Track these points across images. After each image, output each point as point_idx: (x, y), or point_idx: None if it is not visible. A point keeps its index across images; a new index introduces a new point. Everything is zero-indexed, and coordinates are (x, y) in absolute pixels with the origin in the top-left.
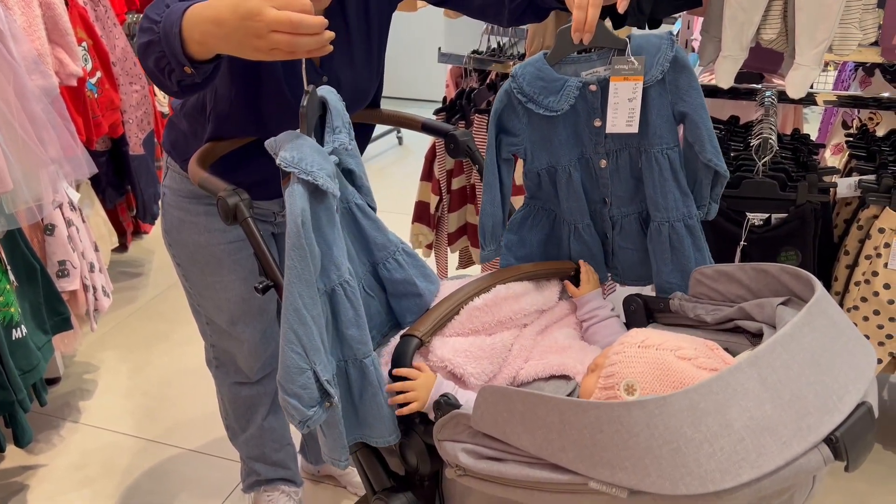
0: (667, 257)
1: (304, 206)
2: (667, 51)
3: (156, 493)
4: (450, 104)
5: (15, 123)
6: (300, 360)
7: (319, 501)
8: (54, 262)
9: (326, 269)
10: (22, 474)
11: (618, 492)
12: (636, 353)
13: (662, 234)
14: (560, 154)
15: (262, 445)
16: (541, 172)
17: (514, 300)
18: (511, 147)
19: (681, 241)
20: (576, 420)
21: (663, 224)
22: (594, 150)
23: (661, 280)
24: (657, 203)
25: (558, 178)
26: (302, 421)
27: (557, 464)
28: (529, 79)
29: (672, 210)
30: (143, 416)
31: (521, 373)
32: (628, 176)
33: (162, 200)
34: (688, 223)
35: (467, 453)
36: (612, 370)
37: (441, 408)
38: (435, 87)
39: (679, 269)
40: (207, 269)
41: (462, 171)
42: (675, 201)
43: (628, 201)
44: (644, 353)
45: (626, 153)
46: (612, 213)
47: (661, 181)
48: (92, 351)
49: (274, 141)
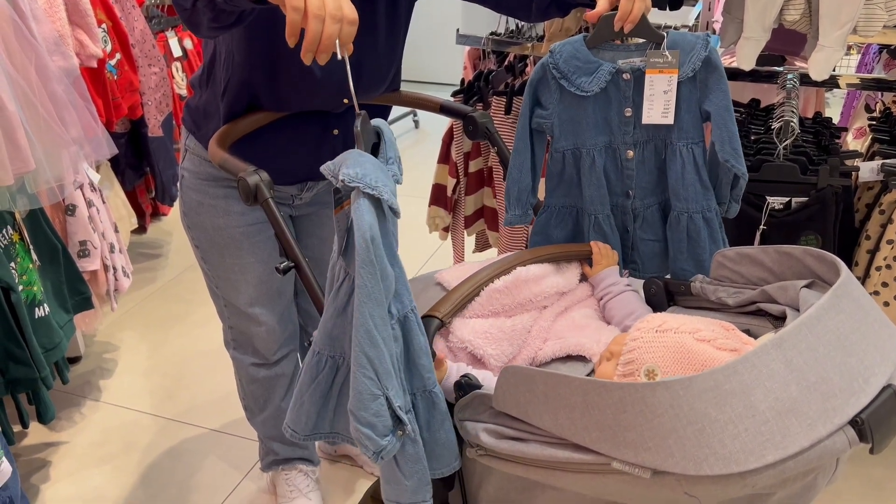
0: (683, 246)
1: (373, 222)
2: (700, 50)
3: (175, 471)
4: (467, 86)
5: (37, 103)
6: (372, 385)
7: (337, 480)
8: (75, 242)
9: (400, 293)
10: (45, 450)
11: (641, 472)
12: (654, 337)
13: (681, 224)
14: (586, 137)
15: (280, 426)
16: (566, 153)
17: (535, 282)
18: (541, 119)
19: (698, 231)
20: (599, 400)
21: (682, 214)
22: (622, 139)
23: (677, 266)
24: (678, 193)
25: (582, 162)
26: (376, 452)
27: (580, 444)
28: (566, 56)
29: (692, 202)
30: (162, 396)
31: (540, 353)
32: (653, 167)
33: (180, 183)
34: (706, 215)
35: (488, 433)
36: (630, 356)
37: (462, 388)
38: (452, 70)
39: (694, 257)
40: (226, 251)
41: (479, 153)
42: (696, 194)
43: (651, 192)
44: (662, 338)
45: (652, 145)
46: (635, 206)
47: (683, 173)
48: (112, 330)
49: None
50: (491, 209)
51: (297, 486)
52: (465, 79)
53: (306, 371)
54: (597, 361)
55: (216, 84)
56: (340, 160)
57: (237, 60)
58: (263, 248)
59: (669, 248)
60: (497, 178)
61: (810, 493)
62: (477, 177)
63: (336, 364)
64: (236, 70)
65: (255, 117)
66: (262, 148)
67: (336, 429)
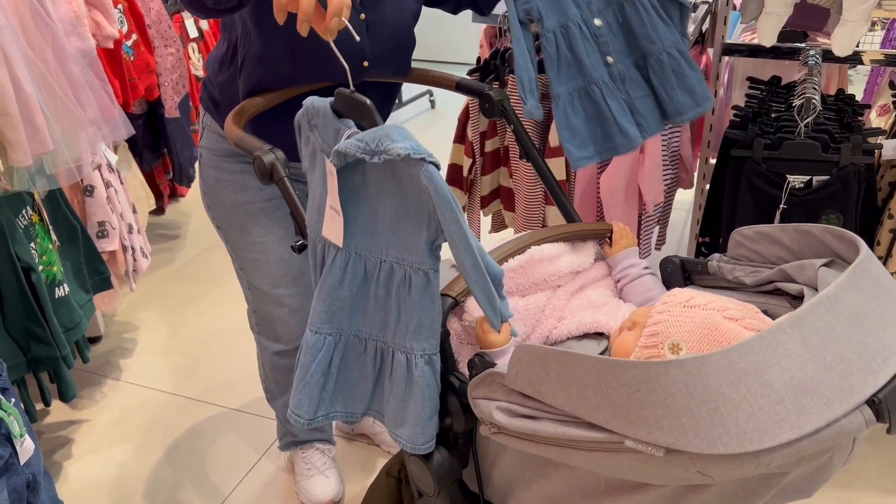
0: (672, 83)
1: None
2: None
3: (194, 450)
4: (483, 64)
5: (54, 85)
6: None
7: (354, 459)
8: (94, 222)
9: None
10: (66, 428)
11: (654, 451)
12: (681, 312)
13: (663, 63)
14: (568, 9)
15: None
16: (556, 33)
17: (549, 262)
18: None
19: (679, 64)
20: (612, 379)
21: (661, 54)
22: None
23: (673, 105)
24: (650, 37)
25: (573, 35)
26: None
27: (593, 422)
28: None
29: (664, 39)
30: (181, 375)
31: (554, 332)
32: (619, 29)
33: (199, 161)
34: (679, 48)
35: (501, 411)
36: (655, 329)
37: (475, 367)
38: (469, 49)
39: (685, 89)
40: (245, 228)
41: (496, 133)
42: (664, 31)
43: (626, 53)
44: (690, 313)
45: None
46: (619, 70)
47: (647, 18)
48: (131, 311)
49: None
50: (507, 189)
51: (315, 465)
52: (482, 57)
53: (306, 352)
54: (615, 331)
55: (233, 60)
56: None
57: (253, 35)
58: (282, 226)
59: (661, 93)
60: (514, 157)
61: (826, 472)
62: (493, 156)
63: (335, 341)
64: (253, 44)
65: (271, 95)
66: (277, 124)
67: (335, 407)
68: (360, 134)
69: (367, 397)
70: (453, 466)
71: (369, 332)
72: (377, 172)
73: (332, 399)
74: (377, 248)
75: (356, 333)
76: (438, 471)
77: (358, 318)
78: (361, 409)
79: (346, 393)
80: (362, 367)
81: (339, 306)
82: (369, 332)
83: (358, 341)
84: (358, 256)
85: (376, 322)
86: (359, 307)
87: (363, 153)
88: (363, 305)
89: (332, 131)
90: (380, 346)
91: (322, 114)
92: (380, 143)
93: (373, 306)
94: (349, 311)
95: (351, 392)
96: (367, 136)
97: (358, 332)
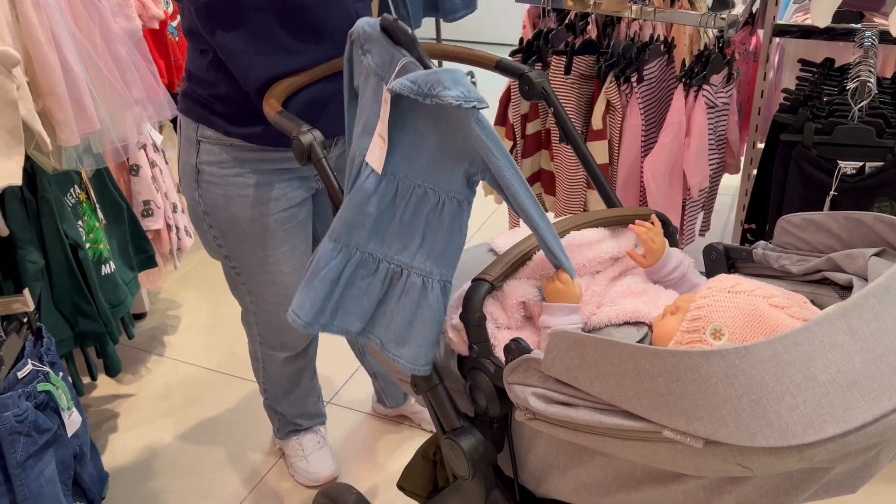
0: None
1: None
2: None
3: (235, 426)
4: (526, 45)
5: (101, 65)
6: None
7: (392, 440)
8: (139, 201)
9: None
10: (112, 402)
11: (693, 441)
12: (726, 297)
13: None
14: None
15: (305, 403)
16: None
17: (589, 247)
18: None
19: None
20: (651, 368)
21: None
22: None
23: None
24: None
25: None
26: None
27: (630, 411)
28: None
29: None
30: (223, 353)
31: (593, 319)
32: None
33: (197, 181)
34: None
35: (537, 397)
36: (698, 313)
37: (511, 351)
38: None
39: None
40: (260, 242)
41: (537, 115)
42: None
43: None
44: (734, 299)
45: None
46: None
47: None
48: (175, 288)
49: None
50: (548, 172)
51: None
52: (525, 38)
53: (321, 256)
54: (658, 315)
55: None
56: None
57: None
58: (296, 235)
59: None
60: (555, 141)
61: (872, 468)
62: (534, 139)
63: (349, 254)
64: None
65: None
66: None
67: (335, 320)
68: (412, 75)
69: (366, 317)
70: (488, 450)
71: (384, 254)
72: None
73: (334, 311)
74: (413, 173)
75: (371, 252)
76: (473, 454)
77: (377, 239)
78: (359, 326)
79: (347, 308)
80: (369, 286)
81: (361, 221)
82: (384, 254)
83: (371, 260)
84: (392, 177)
85: (395, 244)
86: (380, 228)
87: (415, 95)
88: (385, 226)
89: (387, 57)
90: (392, 268)
91: (374, 39)
92: (432, 87)
93: (395, 228)
94: (370, 229)
95: (353, 308)
96: (419, 79)
97: (373, 252)
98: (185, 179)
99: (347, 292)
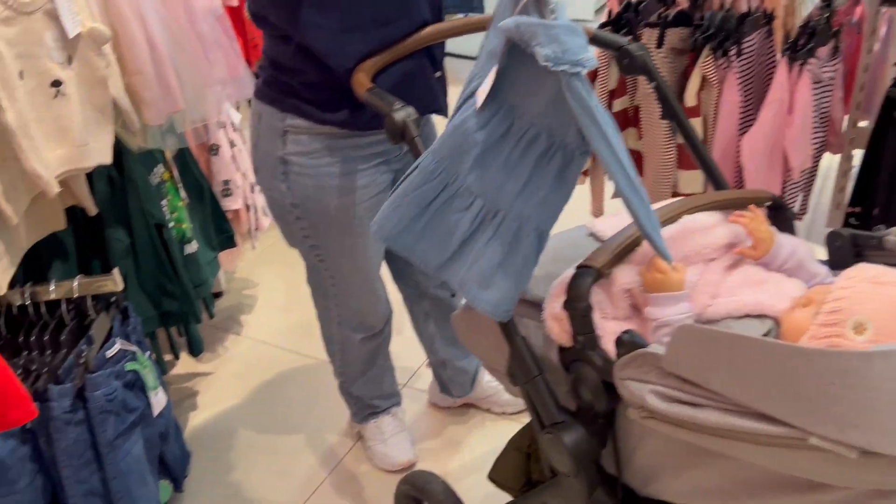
0: None
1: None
2: None
3: (314, 406)
4: (615, 17)
5: (185, 43)
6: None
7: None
8: (219, 181)
9: None
10: (191, 380)
11: (846, 451)
12: (868, 288)
13: None
14: None
15: (381, 383)
16: None
17: (703, 233)
18: None
19: None
20: (800, 369)
21: None
22: None
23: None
24: None
25: None
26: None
27: (769, 415)
28: None
29: None
30: (300, 333)
31: (709, 310)
32: None
33: (284, 172)
34: None
35: (656, 395)
36: (837, 305)
37: (624, 345)
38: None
39: None
40: (346, 230)
41: (625, 91)
42: None
43: None
44: (879, 290)
45: None
46: None
47: None
48: (251, 267)
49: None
50: (636, 152)
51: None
52: (611, 10)
53: (419, 173)
54: (788, 308)
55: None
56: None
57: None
58: None
59: None
60: (644, 117)
61: None
62: (621, 116)
63: (446, 180)
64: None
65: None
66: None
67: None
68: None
69: (447, 253)
70: (592, 447)
71: (481, 191)
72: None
73: (418, 237)
74: (530, 110)
75: (469, 186)
76: (576, 450)
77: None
78: (437, 262)
79: (430, 238)
80: (458, 222)
81: (466, 149)
82: (481, 191)
83: (468, 195)
84: (509, 110)
85: (495, 183)
86: (484, 162)
87: (517, 41)
88: (489, 162)
89: None
90: (487, 208)
91: None
92: (529, 39)
93: (498, 166)
94: (473, 162)
95: (436, 241)
96: (522, 25)
97: (471, 186)
98: (268, 171)
99: (435, 222)
